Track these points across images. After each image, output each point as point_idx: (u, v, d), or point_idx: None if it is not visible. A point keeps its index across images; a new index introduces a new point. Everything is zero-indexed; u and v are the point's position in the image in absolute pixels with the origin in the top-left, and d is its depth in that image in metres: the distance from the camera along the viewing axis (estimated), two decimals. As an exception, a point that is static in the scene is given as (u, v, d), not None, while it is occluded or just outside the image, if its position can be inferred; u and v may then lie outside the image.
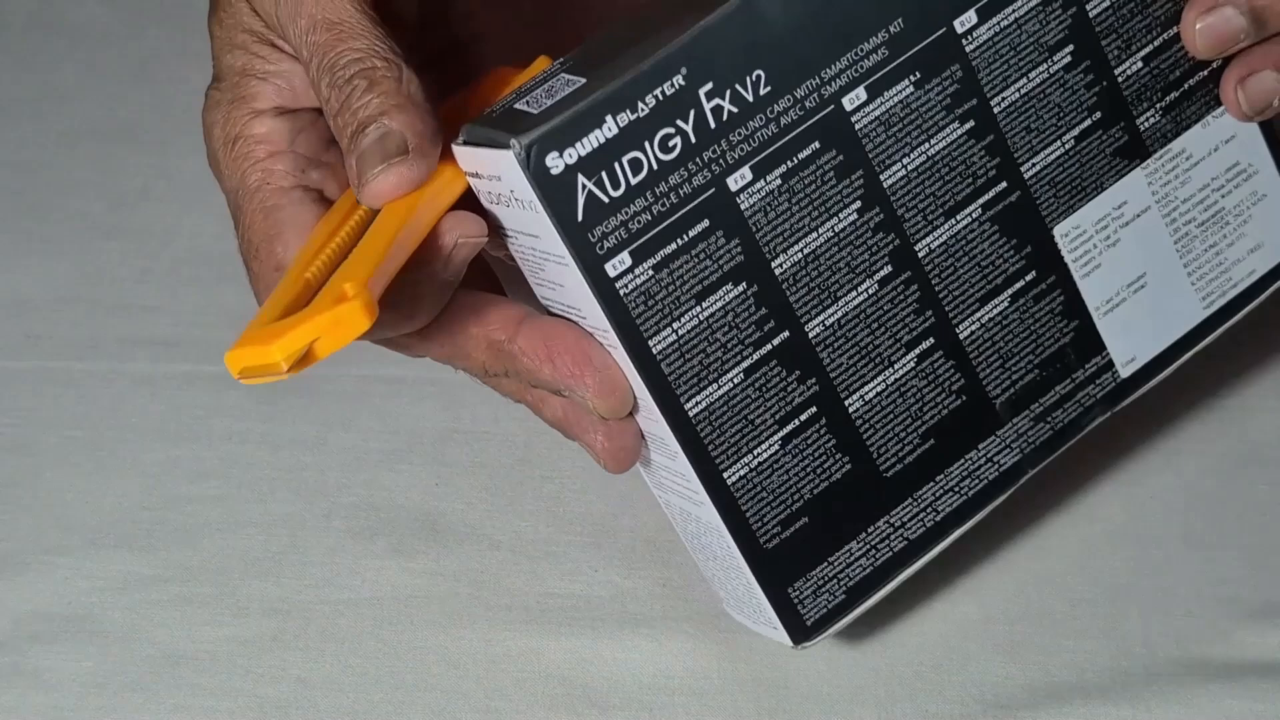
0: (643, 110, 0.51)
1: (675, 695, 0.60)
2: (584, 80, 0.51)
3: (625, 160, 0.51)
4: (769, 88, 0.52)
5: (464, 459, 0.66)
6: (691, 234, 0.52)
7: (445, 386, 0.67)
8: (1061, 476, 0.65)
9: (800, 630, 0.57)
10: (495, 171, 0.51)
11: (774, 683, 0.60)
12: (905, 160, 0.54)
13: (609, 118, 0.50)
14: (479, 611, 0.62)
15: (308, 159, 0.56)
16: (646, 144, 0.51)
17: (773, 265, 0.53)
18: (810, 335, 0.54)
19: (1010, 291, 0.57)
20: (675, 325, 0.52)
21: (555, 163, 0.50)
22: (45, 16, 0.77)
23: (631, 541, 0.64)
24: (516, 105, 0.51)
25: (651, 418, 0.54)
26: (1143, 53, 0.57)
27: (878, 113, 0.54)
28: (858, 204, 0.54)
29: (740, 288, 0.53)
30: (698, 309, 0.53)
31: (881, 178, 0.54)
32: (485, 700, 0.60)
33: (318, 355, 0.48)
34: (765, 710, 0.59)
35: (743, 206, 0.52)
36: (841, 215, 0.54)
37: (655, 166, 0.51)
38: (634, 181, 0.51)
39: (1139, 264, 0.59)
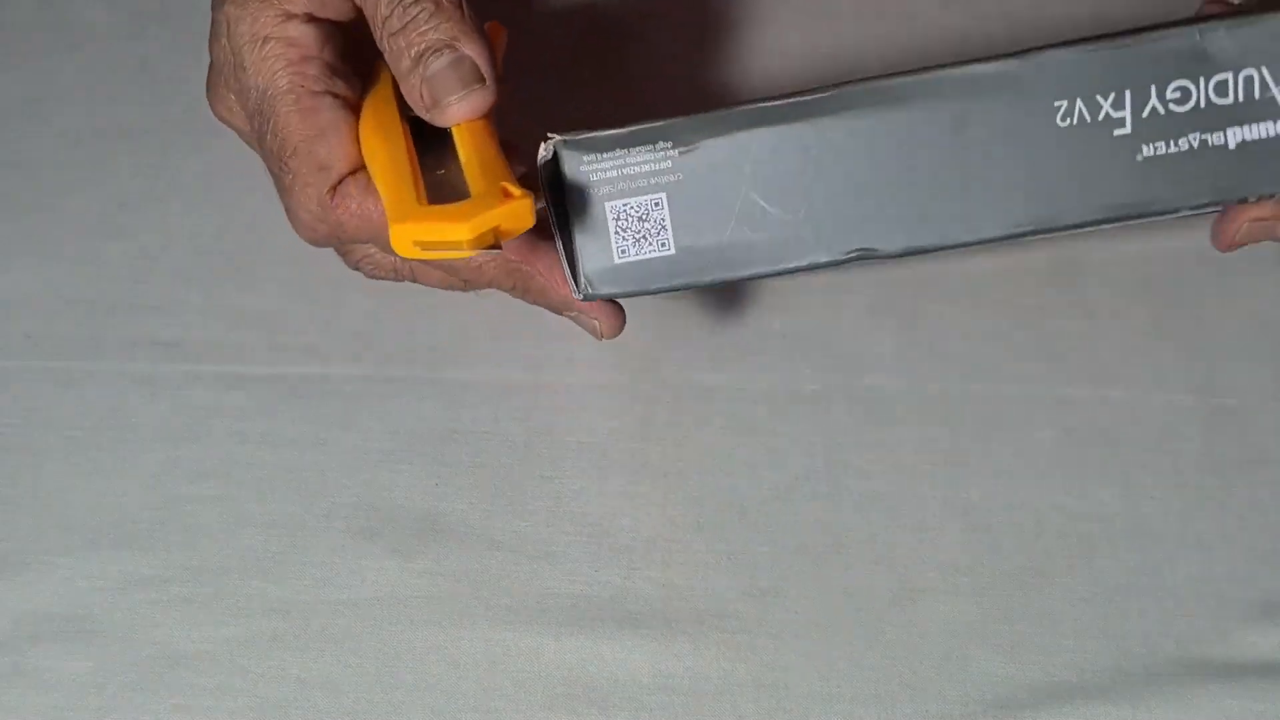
0: None
1: (675, 695, 0.60)
2: None
3: None
4: None
5: (464, 459, 0.66)
6: None
7: (445, 386, 0.67)
8: (1062, 476, 0.65)
9: None
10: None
11: (774, 683, 0.60)
12: None
13: None
14: (479, 611, 0.62)
15: (333, 67, 0.59)
16: None
17: None
18: None
19: None
20: None
21: None
22: (45, 16, 0.77)
23: (631, 541, 0.64)
24: None
25: None
26: None
27: None
28: None
29: None
30: None
31: None
32: (485, 700, 0.60)
33: (496, 241, 0.53)
34: (765, 710, 0.59)
35: None
36: None
37: None
38: None
39: None
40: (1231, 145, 0.56)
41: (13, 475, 0.65)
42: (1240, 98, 0.56)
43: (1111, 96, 0.56)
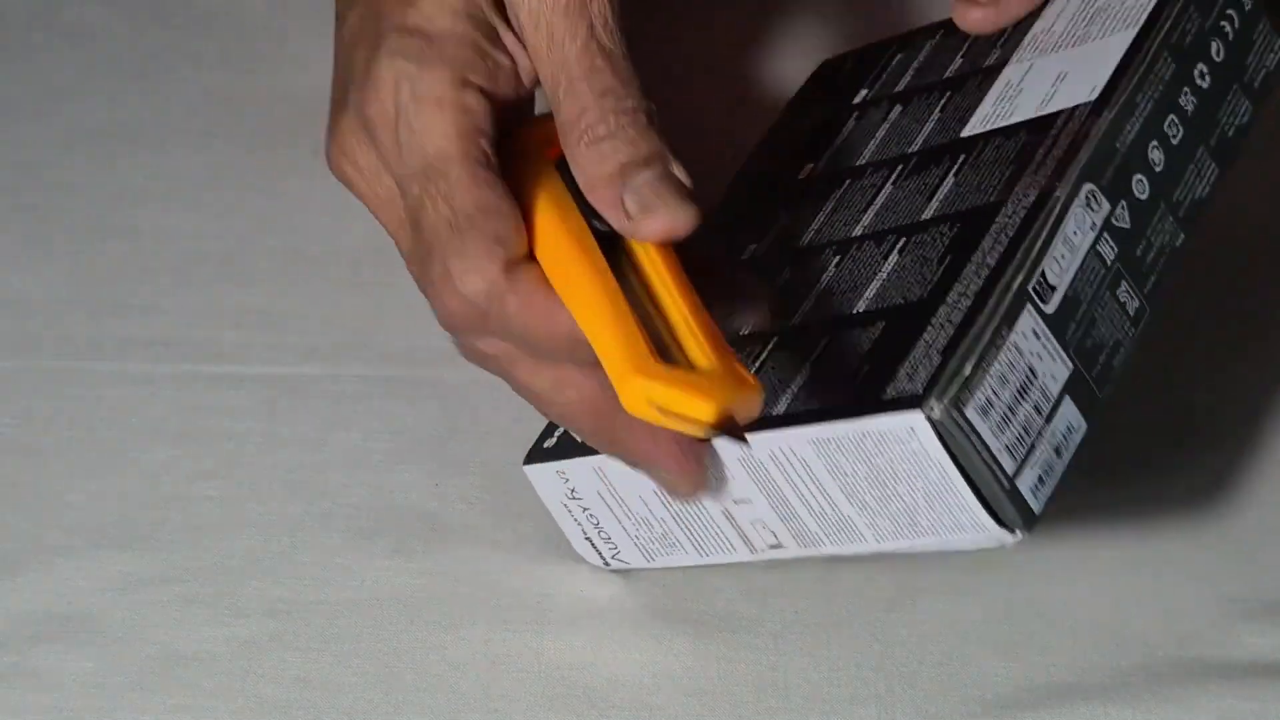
0: None
1: (675, 696, 0.60)
2: None
3: None
4: None
5: (464, 459, 0.66)
6: None
7: (445, 387, 0.67)
8: (1061, 476, 0.65)
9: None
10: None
11: (774, 683, 0.60)
12: None
13: None
14: (479, 611, 0.62)
15: (495, 146, 0.56)
16: None
17: None
18: None
19: None
20: None
21: None
22: (45, 16, 0.77)
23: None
24: None
25: None
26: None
27: None
28: None
29: None
30: None
31: None
32: (485, 700, 0.60)
33: (735, 425, 0.50)
34: (765, 710, 0.59)
35: None
36: None
37: None
38: None
39: None
40: None
41: (13, 475, 0.65)
42: None
43: None
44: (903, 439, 0.51)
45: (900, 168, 0.62)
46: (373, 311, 0.69)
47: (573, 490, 0.61)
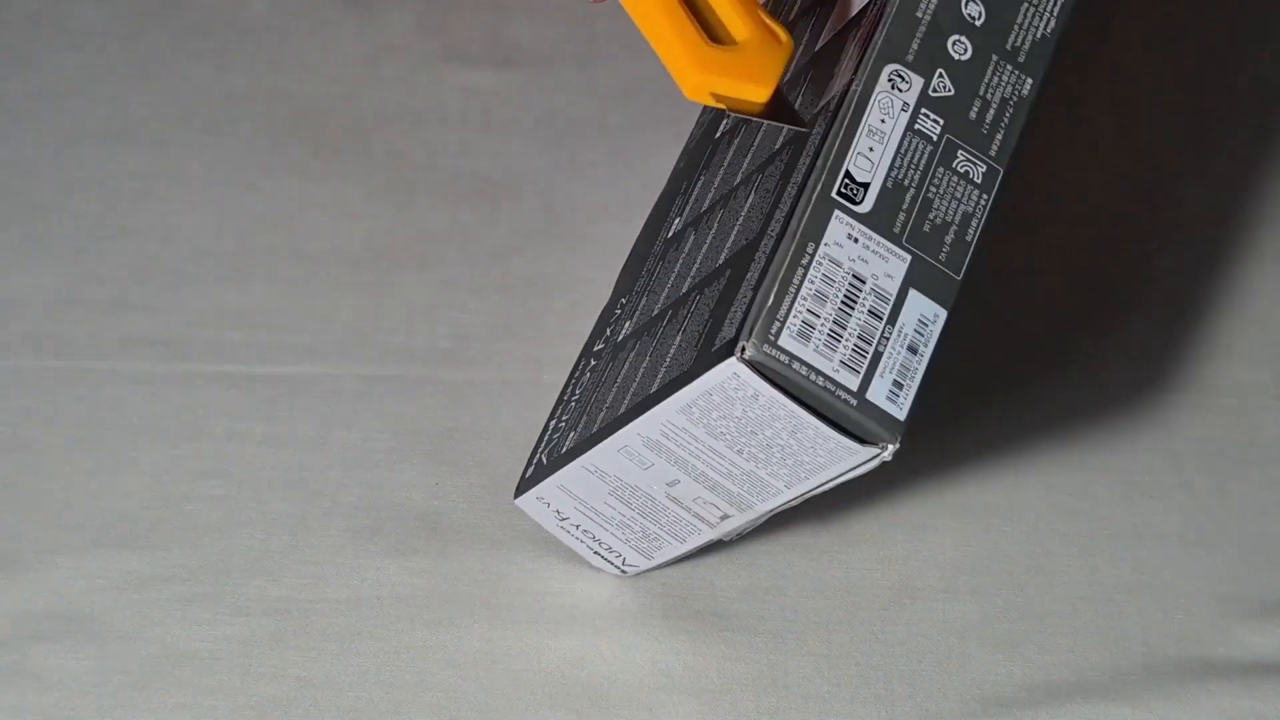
0: None
1: (675, 695, 0.60)
2: None
3: None
4: None
5: (464, 459, 0.66)
6: None
7: (445, 386, 0.67)
8: (1061, 476, 0.65)
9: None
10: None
11: (774, 682, 0.60)
12: None
13: None
14: (479, 611, 0.62)
15: None
16: None
17: None
18: None
19: None
20: None
21: None
22: (45, 16, 0.77)
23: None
24: None
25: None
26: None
27: None
28: None
29: None
30: None
31: None
32: (485, 699, 0.60)
33: (780, 94, 0.54)
34: (765, 710, 0.59)
35: None
36: None
37: None
38: None
39: None
40: None
41: (13, 475, 0.65)
42: None
43: None
44: (735, 387, 0.50)
45: None
46: (373, 311, 0.69)
47: (558, 512, 0.61)
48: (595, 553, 0.62)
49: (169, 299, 0.69)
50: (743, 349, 0.49)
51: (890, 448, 0.50)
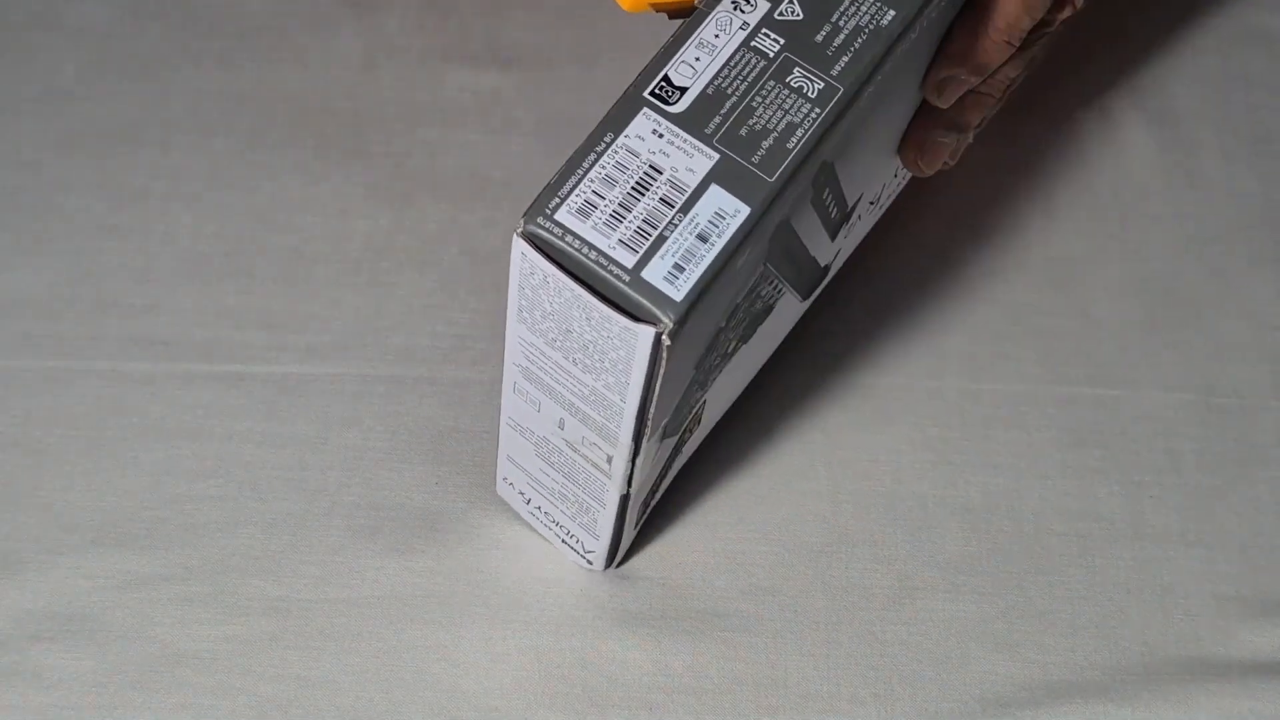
0: None
1: (675, 695, 0.60)
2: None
3: None
4: None
5: (464, 459, 0.66)
6: None
7: (445, 386, 0.67)
8: (1061, 476, 0.65)
9: None
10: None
11: (774, 682, 0.60)
12: None
13: None
14: (479, 611, 0.62)
15: None
16: None
17: None
18: None
19: None
20: None
21: None
22: (45, 16, 0.77)
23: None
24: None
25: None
26: None
27: None
28: None
29: None
30: None
31: None
32: (485, 699, 0.60)
33: None
34: (765, 710, 0.59)
35: None
36: None
37: None
38: None
39: None
40: None
41: (13, 475, 0.65)
42: None
43: None
44: (529, 271, 0.51)
45: None
46: (373, 311, 0.69)
47: (521, 494, 0.61)
48: (563, 541, 0.62)
49: (169, 299, 0.69)
50: (522, 224, 0.50)
51: (667, 325, 0.49)
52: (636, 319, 0.49)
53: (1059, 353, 0.69)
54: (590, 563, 0.62)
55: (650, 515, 0.64)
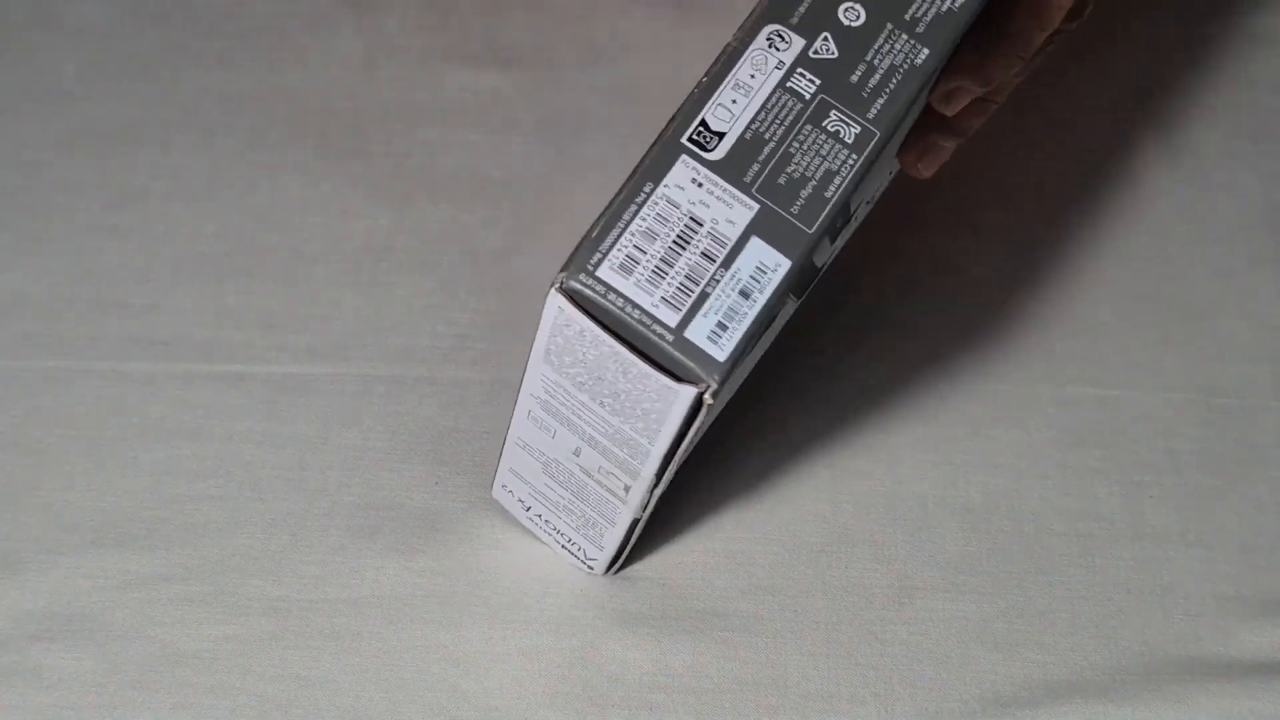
0: None
1: (675, 695, 0.60)
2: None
3: None
4: None
5: (464, 459, 0.66)
6: None
7: (445, 386, 0.67)
8: (1061, 476, 0.65)
9: None
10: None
11: (774, 682, 0.60)
12: None
13: None
14: (479, 611, 0.62)
15: None
16: None
17: None
18: None
19: None
20: None
21: None
22: (45, 16, 0.77)
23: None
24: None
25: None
26: None
27: None
28: None
29: None
30: None
31: None
32: (485, 699, 0.60)
33: None
34: (765, 709, 0.59)
35: None
36: None
37: None
38: None
39: None
40: None
41: (13, 475, 0.65)
42: None
43: None
44: (565, 323, 0.50)
45: None
46: (373, 311, 0.69)
47: (521, 501, 0.61)
48: (562, 546, 0.62)
49: (169, 299, 0.69)
50: (561, 280, 0.50)
51: (711, 388, 0.49)
52: (679, 379, 0.49)
53: (1059, 353, 0.69)
54: (591, 568, 0.62)
55: (650, 517, 0.64)
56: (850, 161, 0.52)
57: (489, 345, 0.69)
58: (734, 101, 0.52)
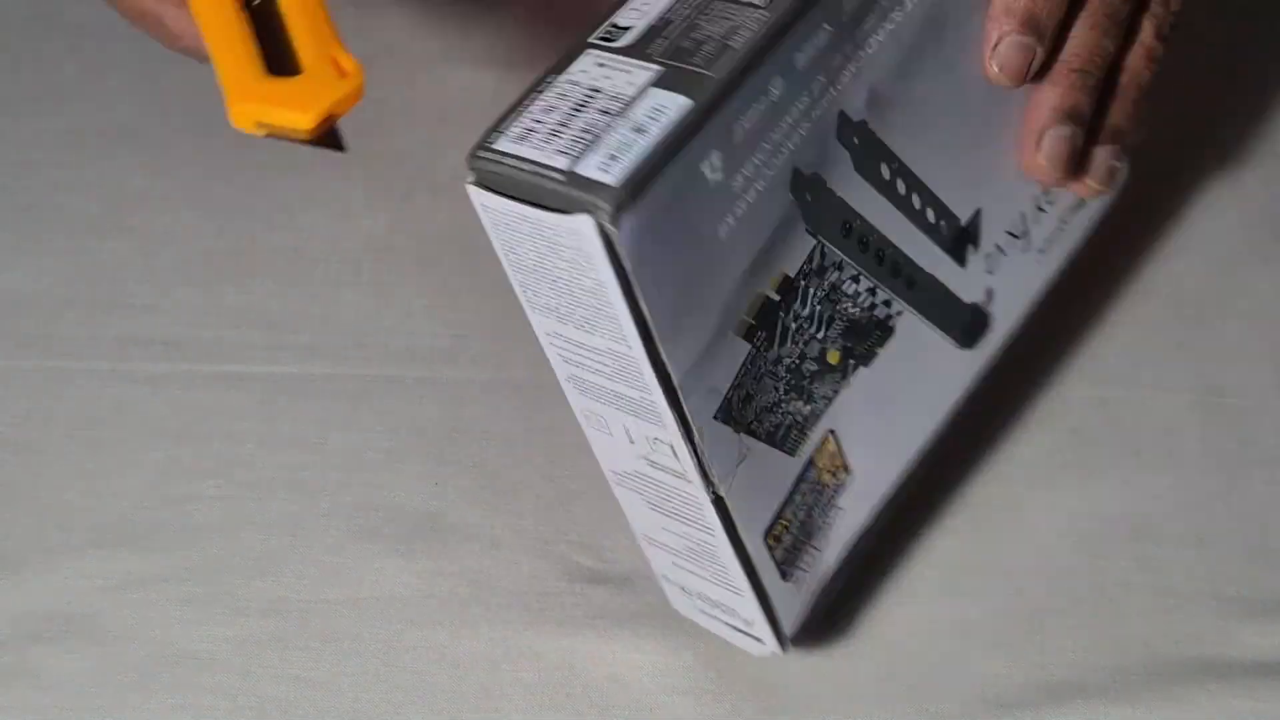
0: None
1: (675, 695, 0.60)
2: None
3: None
4: None
5: (464, 459, 0.66)
6: None
7: (445, 386, 0.67)
8: (1062, 475, 0.65)
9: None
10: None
11: (774, 683, 0.60)
12: None
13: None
14: (479, 611, 0.62)
15: None
16: None
17: None
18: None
19: None
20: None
21: None
22: (45, 16, 0.77)
23: (631, 541, 0.64)
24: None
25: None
26: None
27: None
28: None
29: None
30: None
31: None
32: (485, 700, 0.60)
33: (333, 124, 0.53)
34: (765, 710, 0.59)
35: None
36: None
37: None
38: None
39: None
40: None
41: (13, 475, 0.65)
42: None
43: None
44: (490, 219, 0.50)
45: None
46: (373, 311, 0.69)
47: (682, 588, 0.58)
48: (731, 626, 0.59)
49: (169, 299, 0.69)
50: (470, 172, 0.49)
51: (604, 210, 0.47)
52: (569, 211, 0.47)
53: (1059, 352, 0.69)
54: (761, 640, 0.58)
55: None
56: (759, 16, 0.50)
57: (489, 345, 0.69)
58: (646, 4, 0.51)
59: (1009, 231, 0.59)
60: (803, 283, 0.52)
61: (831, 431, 0.55)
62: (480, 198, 0.49)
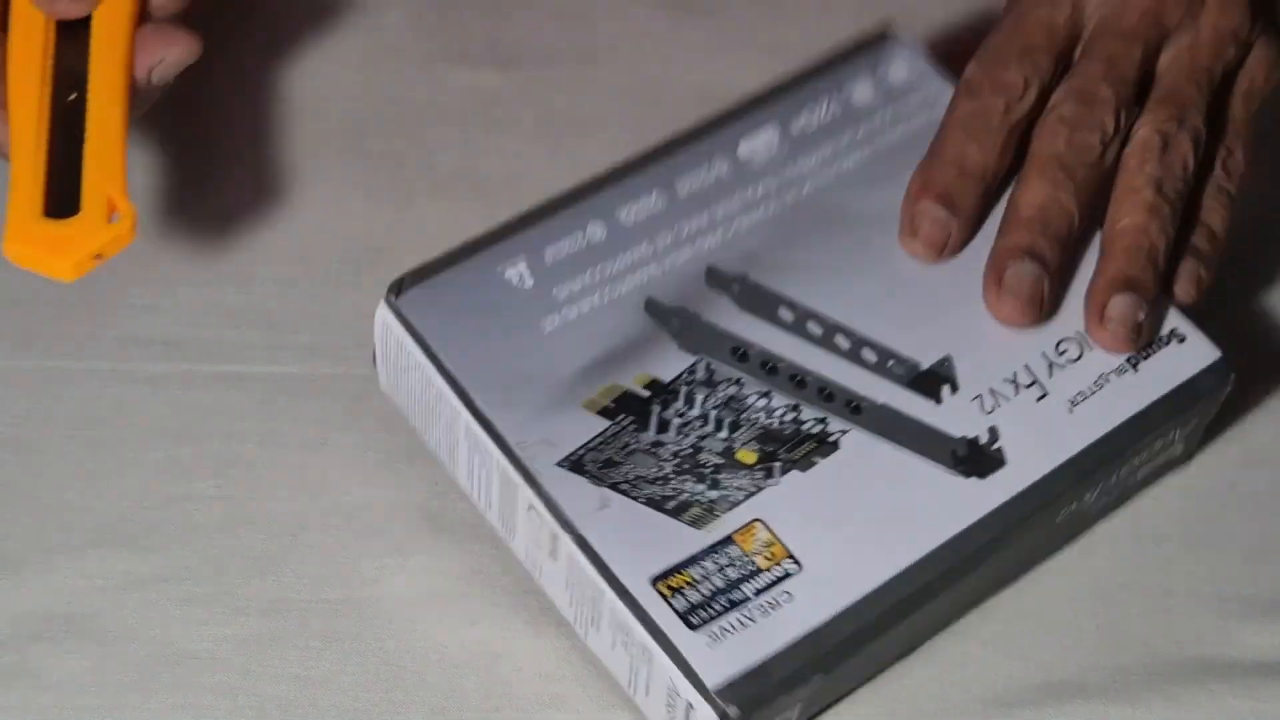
0: None
1: (675, 695, 0.60)
2: None
3: None
4: None
5: (464, 459, 0.66)
6: None
7: (445, 386, 0.67)
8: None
9: None
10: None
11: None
12: None
13: None
14: (479, 611, 0.62)
15: None
16: None
17: None
18: None
19: None
20: None
21: None
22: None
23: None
24: None
25: None
26: None
27: None
28: None
29: None
30: None
31: None
32: (486, 700, 0.60)
33: (94, 265, 0.56)
34: (765, 710, 0.59)
35: None
36: None
37: None
38: None
39: None
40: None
41: (13, 475, 0.65)
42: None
43: None
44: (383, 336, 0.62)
45: None
46: (373, 311, 0.69)
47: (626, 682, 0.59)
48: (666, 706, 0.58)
49: (168, 298, 0.69)
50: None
51: (391, 293, 0.61)
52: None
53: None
54: (684, 696, 0.56)
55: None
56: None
57: (489, 345, 0.69)
58: None
59: (1007, 379, 0.61)
60: (685, 388, 0.59)
61: (759, 520, 0.57)
62: (387, 321, 0.62)
